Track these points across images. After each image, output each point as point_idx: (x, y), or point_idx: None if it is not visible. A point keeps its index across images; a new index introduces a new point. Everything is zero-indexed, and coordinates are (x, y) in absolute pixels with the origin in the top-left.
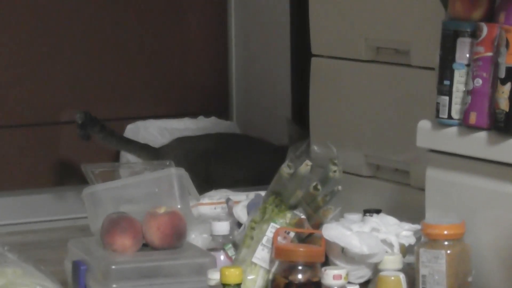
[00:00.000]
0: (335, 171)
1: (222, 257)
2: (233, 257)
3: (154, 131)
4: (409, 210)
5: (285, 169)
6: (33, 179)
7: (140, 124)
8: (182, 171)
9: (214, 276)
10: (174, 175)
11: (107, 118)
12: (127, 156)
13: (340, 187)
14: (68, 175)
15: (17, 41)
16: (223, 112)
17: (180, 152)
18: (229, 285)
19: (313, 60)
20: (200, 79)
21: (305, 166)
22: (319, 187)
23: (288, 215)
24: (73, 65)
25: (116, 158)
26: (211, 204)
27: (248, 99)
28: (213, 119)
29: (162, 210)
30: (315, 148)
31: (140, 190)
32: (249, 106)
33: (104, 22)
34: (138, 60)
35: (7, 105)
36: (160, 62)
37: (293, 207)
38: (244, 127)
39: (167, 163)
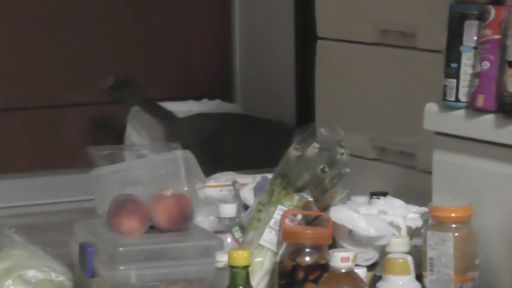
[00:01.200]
0: (342, 154)
1: (228, 240)
2: (240, 240)
3: None
4: (415, 193)
5: (292, 152)
6: (38, 161)
7: None
8: (188, 153)
9: (222, 258)
10: (181, 157)
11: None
12: (131, 139)
13: (347, 170)
14: (72, 158)
15: (25, 25)
16: (227, 95)
17: (196, 126)
18: (237, 267)
19: (319, 43)
20: (204, 62)
21: (313, 149)
22: (326, 169)
23: (296, 197)
24: (79, 48)
25: (120, 140)
26: (217, 186)
27: (252, 81)
28: (217, 101)
29: (169, 192)
30: (322, 130)
31: (147, 173)
32: (252, 88)
33: (110, 6)
34: (143, 44)
35: (12, 88)
36: (165, 45)
37: (300, 190)
38: (247, 109)
39: (173, 145)
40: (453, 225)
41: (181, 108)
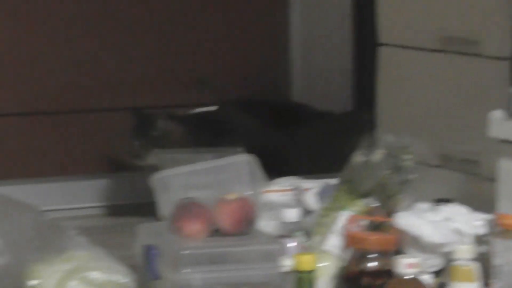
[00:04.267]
0: (408, 160)
1: (291, 244)
2: (303, 244)
3: None
4: (478, 200)
5: (358, 158)
6: (93, 164)
7: None
8: (252, 158)
9: (287, 263)
10: (245, 161)
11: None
12: None
13: (414, 176)
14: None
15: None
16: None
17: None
18: (303, 272)
19: (381, 49)
20: (261, 68)
21: (378, 155)
22: (392, 175)
23: (361, 203)
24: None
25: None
26: (279, 191)
27: (309, 90)
28: None
29: (233, 196)
30: (387, 137)
31: (210, 176)
32: (309, 96)
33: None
34: (196, 52)
35: (64, 91)
36: (223, 56)
37: (365, 196)
38: None
39: (238, 150)
40: None
41: None
